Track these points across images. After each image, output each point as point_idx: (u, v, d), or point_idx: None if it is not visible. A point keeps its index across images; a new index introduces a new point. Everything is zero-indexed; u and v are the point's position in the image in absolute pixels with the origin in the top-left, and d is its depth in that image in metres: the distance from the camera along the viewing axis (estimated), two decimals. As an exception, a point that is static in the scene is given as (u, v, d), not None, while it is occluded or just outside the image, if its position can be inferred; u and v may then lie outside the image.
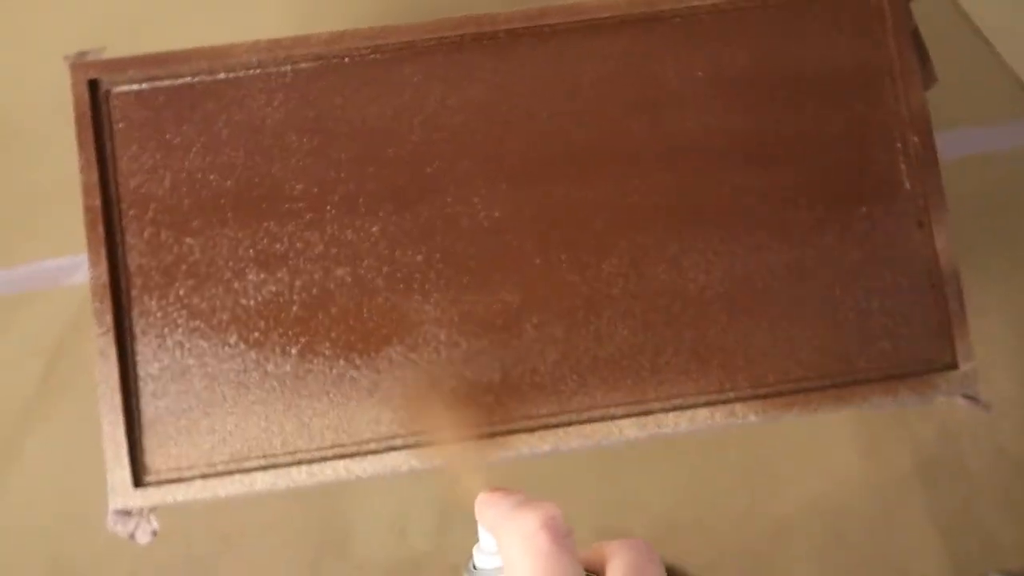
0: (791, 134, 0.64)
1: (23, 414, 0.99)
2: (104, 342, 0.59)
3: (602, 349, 0.62)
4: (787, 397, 0.61)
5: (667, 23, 0.65)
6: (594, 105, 0.64)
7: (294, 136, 0.63)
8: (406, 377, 0.61)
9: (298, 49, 0.63)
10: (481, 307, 0.62)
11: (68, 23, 1.07)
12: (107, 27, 1.06)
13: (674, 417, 0.61)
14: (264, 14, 1.08)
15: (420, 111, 0.64)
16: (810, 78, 0.64)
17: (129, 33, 1.06)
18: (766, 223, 0.63)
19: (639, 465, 1.02)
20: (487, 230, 0.63)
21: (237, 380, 0.61)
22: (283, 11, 1.08)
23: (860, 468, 1.03)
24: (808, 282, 0.63)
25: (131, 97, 0.63)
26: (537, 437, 0.60)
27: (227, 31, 1.07)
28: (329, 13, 1.08)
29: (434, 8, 1.08)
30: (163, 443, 0.60)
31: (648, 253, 0.63)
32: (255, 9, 1.08)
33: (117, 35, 1.05)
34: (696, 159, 0.63)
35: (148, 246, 0.61)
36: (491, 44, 0.64)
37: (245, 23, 1.08)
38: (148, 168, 0.62)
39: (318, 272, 0.62)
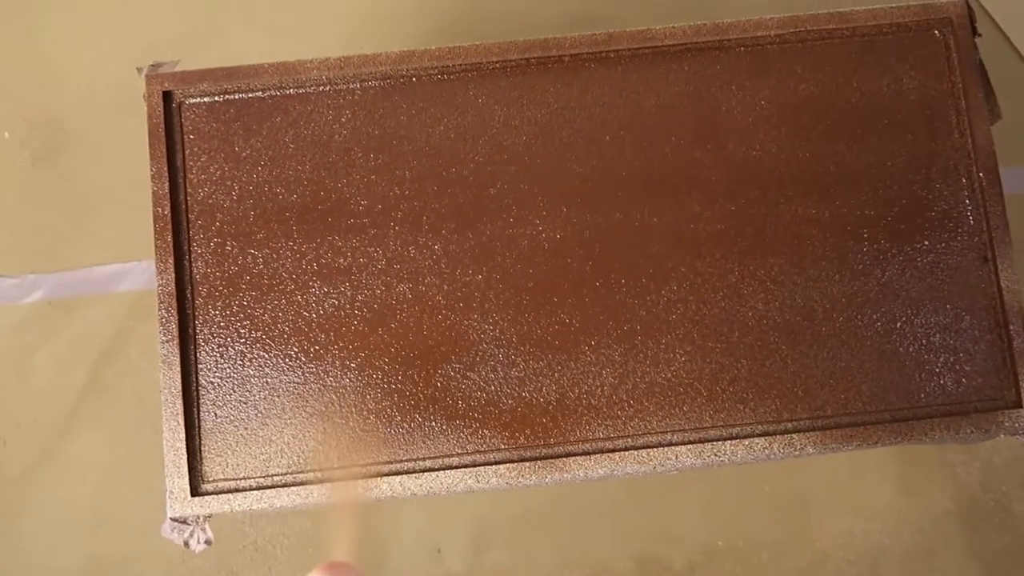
0: (854, 165, 0.64)
1: (67, 418, 1.00)
2: (168, 349, 0.60)
3: (659, 374, 0.62)
4: (846, 429, 0.61)
5: (732, 52, 0.65)
6: (657, 131, 0.64)
7: (360, 153, 0.64)
8: (464, 395, 0.61)
9: (367, 67, 0.64)
10: (539, 328, 0.62)
11: (125, 31, 1.09)
12: (161, 40, 1.09)
13: (731, 446, 0.60)
14: (317, 32, 1.10)
15: (484, 132, 0.64)
16: (874, 110, 0.64)
17: (182, 46, 1.08)
18: (827, 254, 0.63)
19: (673, 495, 1.01)
20: (547, 252, 0.63)
21: (296, 392, 0.61)
22: (336, 29, 1.10)
23: (898, 506, 1.01)
24: (869, 315, 0.62)
25: (202, 109, 0.64)
26: (593, 461, 0.60)
27: (281, 48, 1.09)
28: (381, 33, 1.09)
29: (477, 30, 1.10)
30: (221, 452, 0.60)
31: (707, 280, 0.63)
32: (308, 27, 1.10)
33: (170, 48, 1.07)
34: (758, 188, 0.64)
35: (213, 256, 0.62)
36: (556, 68, 0.65)
37: (298, 41, 1.09)
38: (216, 179, 0.63)
39: (380, 287, 0.62)
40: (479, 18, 1.10)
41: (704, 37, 0.64)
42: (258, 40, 1.08)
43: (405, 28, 1.10)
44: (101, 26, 1.09)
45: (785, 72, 0.65)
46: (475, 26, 1.09)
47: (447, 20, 1.10)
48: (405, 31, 1.10)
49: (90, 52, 1.08)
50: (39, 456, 1.00)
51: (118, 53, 1.08)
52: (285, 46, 1.07)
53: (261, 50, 1.09)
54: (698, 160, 0.64)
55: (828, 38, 0.65)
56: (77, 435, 1.01)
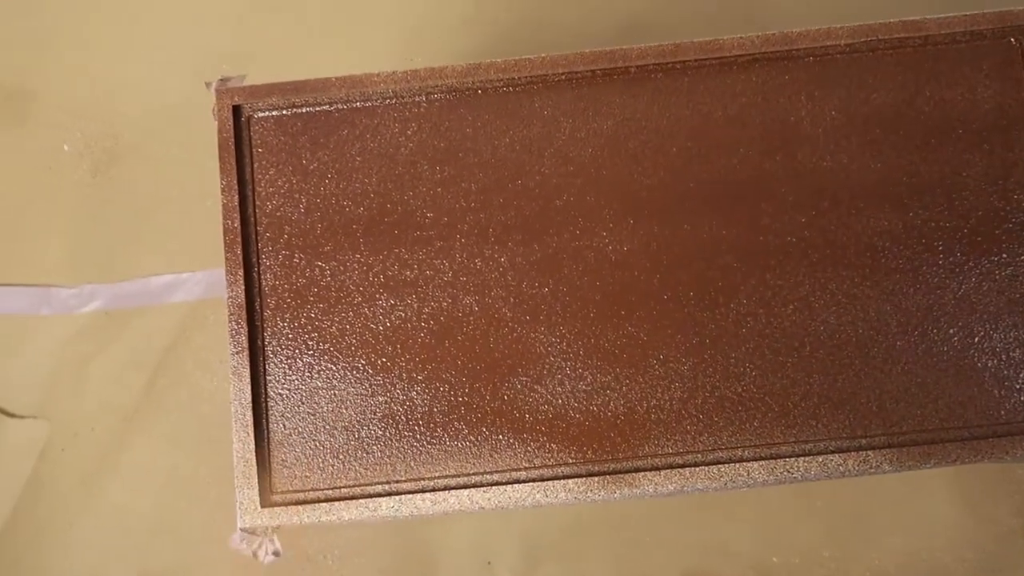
0: (928, 176, 0.63)
1: (122, 427, 1.01)
2: (238, 361, 0.61)
3: (729, 388, 0.61)
4: (923, 447, 0.59)
5: (800, 62, 0.64)
6: (725, 142, 0.64)
7: (426, 165, 0.64)
8: (531, 408, 0.61)
9: (433, 80, 0.64)
10: (607, 341, 0.62)
11: (181, 46, 1.11)
12: (216, 53, 1.10)
13: (804, 462, 0.59)
14: (370, 44, 1.10)
15: (550, 144, 0.64)
16: (948, 120, 0.63)
17: (236, 59, 1.09)
18: (901, 266, 0.62)
19: (725, 508, 0.99)
20: (614, 264, 0.62)
21: (363, 404, 0.61)
22: (387, 42, 1.10)
23: (961, 523, 0.99)
24: (945, 329, 0.61)
25: (270, 123, 0.64)
26: (663, 476, 0.59)
27: (334, 60, 1.10)
28: (433, 45, 1.10)
29: (528, 41, 1.10)
30: (289, 464, 0.60)
31: (778, 293, 0.62)
32: (361, 39, 1.11)
33: (225, 61, 1.09)
34: (829, 199, 0.63)
35: (282, 268, 0.62)
36: (622, 79, 0.65)
37: (351, 53, 1.10)
38: (284, 192, 0.63)
39: (446, 300, 0.62)
40: (531, 29, 1.10)
41: (772, 47, 0.64)
42: (312, 52, 1.09)
43: (457, 41, 1.10)
44: (158, 40, 1.11)
45: (856, 82, 0.64)
46: (527, 37, 1.09)
47: (499, 32, 1.10)
48: (457, 44, 1.10)
49: (148, 66, 1.10)
50: (96, 464, 1.01)
51: (174, 67, 1.09)
52: (338, 58, 1.08)
53: (315, 62, 1.10)
54: (767, 171, 0.63)
55: (899, 47, 0.64)
56: (133, 444, 1.02)
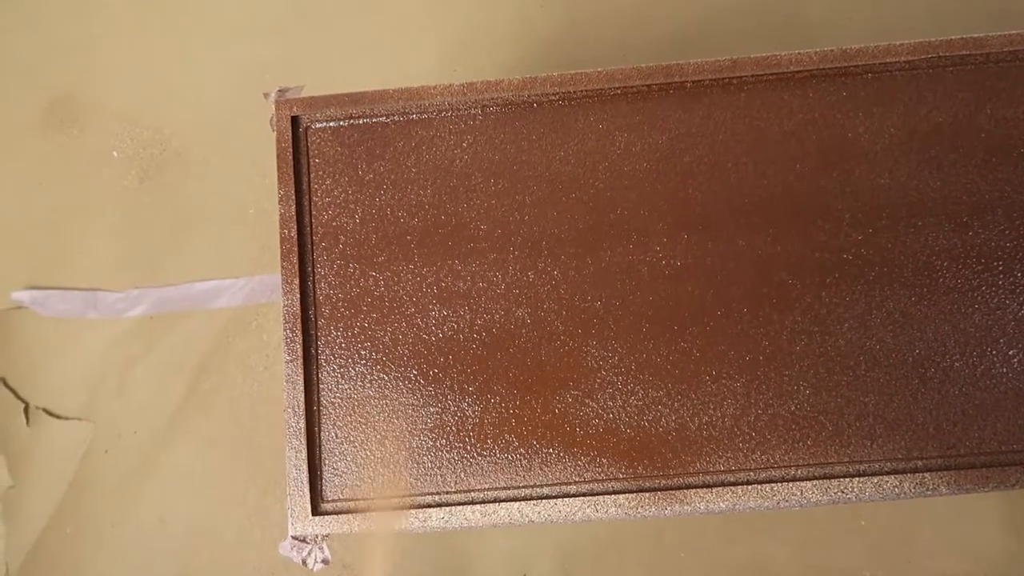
0: (988, 195, 0.62)
1: (165, 430, 1.03)
2: (292, 369, 0.61)
3: (782, 406, 0.60)
4: (982, 470, 0.58)
5: (858, 79, 0.64)
6: (781, 158, 0.63)
7: (480, 178, 0.64)
8: (582, 422, 0.61)
9: (489, 93, 0.64)
10: (659, 356, 0.61)
11: (229, 55, 1.12)
12: (266, 66, 1.12)
13: (859, 483, 0.59)
14: (414, 57, 1.11)
15: (604, 158, 0.64)
16: (1009, 138, 0.62)
17: (283, 69, 1.11)
18: (960, 286, 0.61)
19: (764, 525, 0.98)
20: (668, 279, 0.62)
21: (415, 414, 0.61)
22: (432, 55, 1.11)
23: (1006, 547, 0.97)
24: (1004, 350, 0.60)
25: (327, 134, 0.65)
26: (714, 494, 0.59)
27: (378, 71, 1.11)
28: (476, 58, 1.11)
29: (571, 55, 1.10)
30: (340, 472, 0.61)
31: (833, 311, 0.61)
32: (405, 52, 1.12)
33: (272, 71, 1.10)
34: (887, 217, 0.62)
35: (337, 278, 0.63)
36: (677, 94, 0.65)
37: (394, 66, 1.11)
38: (340, 202, 0.64)
39: (499, 312, 0.62)
40: (573, 43, 1.10)
41: (830, 63, 0.63)
42: (356, 64, 1.10)
43: (501, 52, 1.11)
44: (207, 50, 1.13)
45: (915, 99, 0.63)
46: (569, 51, 1.10)
47: (542, 46, 1.10)
48: (498, 57, 1.11)
49: (196, 75, 1.12)
50: (138, 466, 1.02)
51: (221, 76, 1.11)
52: (382, 70, 1.09)
53: (359, 74, 1.11)
54: (824, 188, 0.63)
55: (960, 64, 0.63)
56: (175, 447, 1.03)
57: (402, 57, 1.12)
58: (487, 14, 1.12)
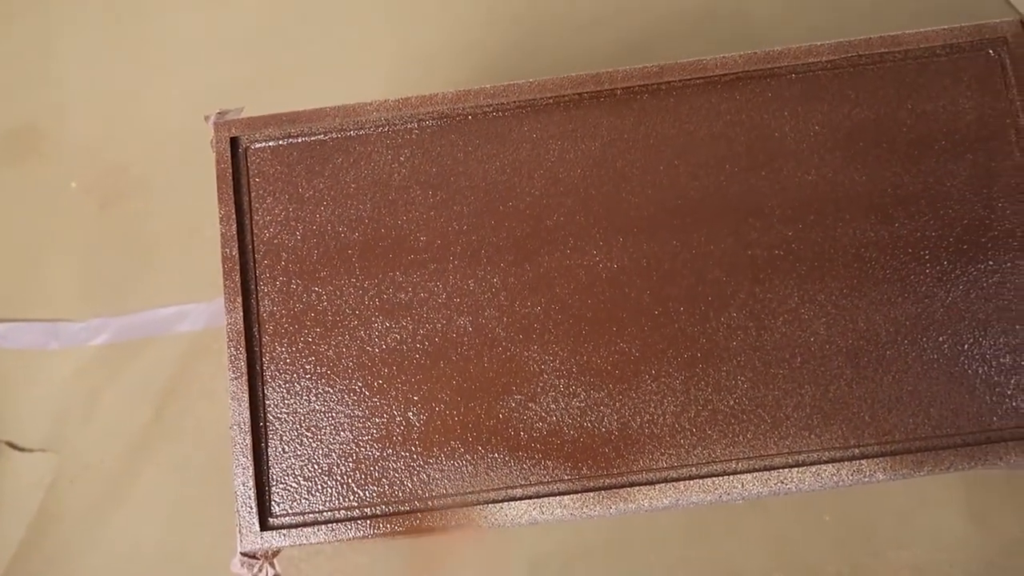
0: (912, 187, 0.63)
1: (132, 457, 1.03)
2: (237, 386, 0.62)
3: (722, 402, 0.61)
4: (917, 455, 0.59)
5: (783, 79, 0.66)
6: (711, 159, 0.65)
7: (419, 190, 0.65)
8: (526, 426, 0.61)
9: (424, 107, 0.66)
10: (599, 358, 0.62)
11: (187, 81, 1.13)
12: (225, 89, 1.13)
13: (798, 473, 0.60)
14: (364, 73, 1.13)
15: (539, 166, 0.65)
16: (931, 132, 0.64)
17: (239, 93, 1.12)
18: (889, 276, 0.62)
19: (730, 525, 0.99)
20: (605, 281, 0.63)
21: (360, 426, 0.62)
22: (381, 71, 1.13)
23: (968, 535, 0.98)
24: (935, 337, 0.61)
25: (267, 153, 0.66)
26: (658, 490, 0.60)
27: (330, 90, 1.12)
28: (426, 73, 1.12)
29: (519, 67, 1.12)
30: (289, 487, 0.61)
31: (767, 306, 0.63)
32: (356, 69, 1.13)
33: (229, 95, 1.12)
34: (815, 212, 0.63)
35: (279, 294, 0.64)
36: (608, 101, 0.66)
37: (345, 84, 1.13)
38: (281, 220, 0.65)
39: (440, 321, 0.63)
40: (520, 55, 1.12)
41: (755, 65, 0.65)
42: (312, 84, 1.11)
43: (453, 67, 1.12)
44: (165, 77, 1.14)
45: (838, 97, 0.65)
46: (518, 65, 1.12)
47: (491, 58, 1.12)
48: (453, 70, 1.12)
49: (154, 102, 1.13)
50: (106, 495, 1.02)
51: (180, 102, 1.12)
52: (337, 89, 1.10)
53: (315, 94, 1.12)
54: (753, 186, 0.64)
55: (880, 62, 0.65)
56: (142, 473, 1.03)
57: (356, 78, 1.14)
58: (438, 32, 1.14)
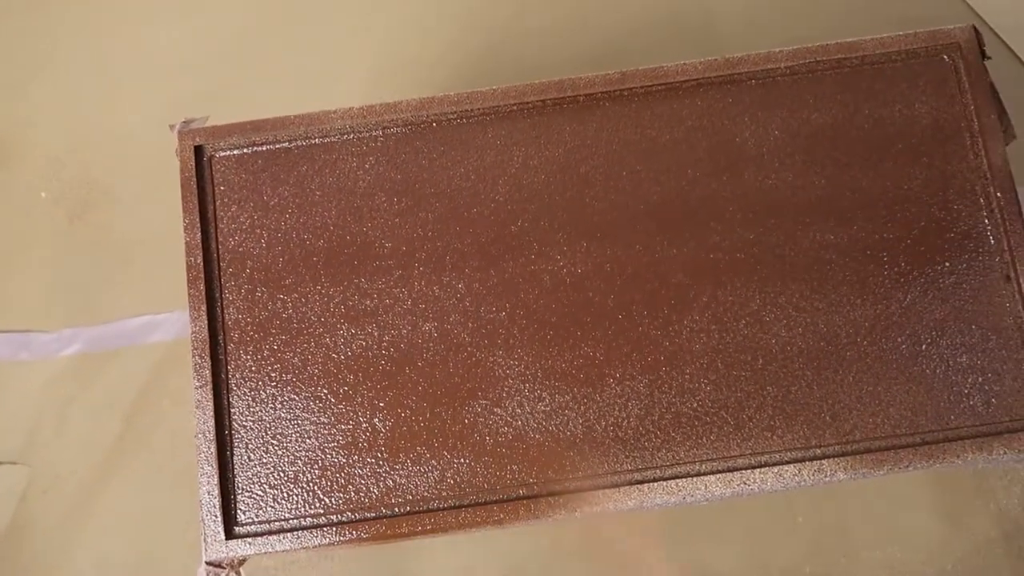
0: (871, 191, 0.64)
1: (103, 468, 1.02)
2: (201, 395, 0.62)
3: (685, 404, 0.62)
4: (876, 454, 0.60)
5: (743, 85, 0.66)
6: (673, 164, 0.65)
7: (383, 197, 0.65)
8: (491, 431, 0.62)
9: (388, 115, 0.66)
10: (564, 362, 0.63)
11: (154, 91, 1.13)
12: (194, 100, 1.13)
13: (760, 474, 0.60)
14: (339, 81, 1.13)
15: (503, 172, 0.66)
16: (888, 136, 0.65)
17: (208, 101, 1.12)
18: (848, 279, 0.63)
19: (706, 528, 1.00)
20: (569, 286, 0.64)
21: (326, 433, 0.62)
22: (356, 78, 1.13)
23: (940, 535, 0.99)
24: (893, 338, 0.62)
25: (231, 161, 0.66)
26: (622, 493, 0.60)
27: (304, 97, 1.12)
28: (401, 80, 1.12)
29: (493, 73, 1.13)
30: (254, 495, 0.61)
31: (730, 309, 0.63)
32: (330, 77, 1.13)
33: (197, 104, 1.11)
34: (775, 216, 0.64)
35: (244, 303, 0.64)
36: (571, 107, 0.67)
37: (320, 91, 1.13)
38: (246, 228, 0.65)
39: (406, 327, 0.63)
40: (495, 62, 1.12)
41: (715, 72, 0.66)
42: (281, 91, 1.11)
43: (424, 75, 1.13)
44: (131, 87, 1.13)
45: (797, 102, 0.66)
46: (491, 70, 1.12)
47: (464, 65, 1.13)
48: (424, 77, 1.13)
49: (122, 112, 1.13)
50: (77, 505, 1.01)
51: (148, 112, 1.12)
52: (308, 96, 1.10)
53: (285, 101, 1.12)
54: (715, 191, 0.65)
55: (838, 68, 0.66)
56: (113, 484, 1.02)
57: (329, 85, 1.14)
58: (411, 40, 1.14)
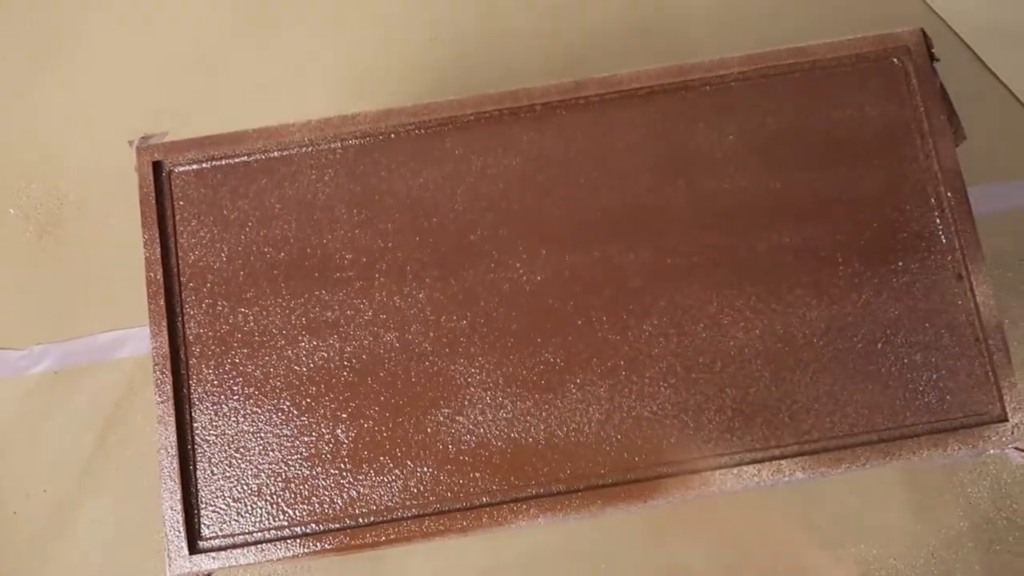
0: (824, 193, 0.65)
1: (75, 485, 1.01)
2: (163, 410, 0.62)
3: (645, 408, 0.63)
4: (834, 452, 0.61)
5: (697, 91, 0.67)
6: (629, 171, 0.66)
7: (343, 209, 0.66)
8: (454, 439, 0.62)
9: (346, 127, 0.66)
10: (524, 369, 0.63)
11: (121, 106, 1.13)
12: (161, 114, 1.12)
13: (720, 475, 0.61)
14: (308, 93, 1.13)
15: (462, 182, 0.66)
16: (840, 139, 0.66)
17: (177, 116, 1.12)
18: (803, 281, 0.64)
19: (680, 529, 1.00)
20: (529, 294, 0.64)
21: (289, 445, 0.62)
22: (326, 90, 1.13)
23: (912, 530, 1.00)
24: (849, 338, 0.63)
25: (191, 176, 0.66)
26: (585, 498, 0.61)
27: (273, 110, 1.12)
28: (370, 91, 1.13)
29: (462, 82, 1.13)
30: (218, 509, 0.61)
31: (688, 312, 0.64)
32: (299, 89, 1.14)
33: (166, 118, 1.11)
34: (731, 219, 0.65)
35: (206, 316, 0.64)
36: (528, 116, 0.67)
37: (290, 103, 1.13)
38: (206, 242, 0.65)
39: (367, 338, 0.64)
40: (463, 71, 1.13)
41: (669, 79, 0.67)
42: (250, 104, 1.12)
43: (393, 85, 1.13)
44: (99, 102, 1.13)
45: (750, 107, 0.67)
46: (460, 79, 1.13)
47: (433, 75, 1.13)
48: (393, 88, 1.13)
49: (89, 128, 1.12)
50: (49, 524, 1.01)
51: (115, 127, 1.11)
52: (277, 109, 1.10)
53: (254, 114, 1.12)
54: (671, 196, 0.66)
55: (790, 72, 0.67)
56: (86, 501, 1.02)
57: (298, 96, 1.14)
58: (380, 49, 1.14)
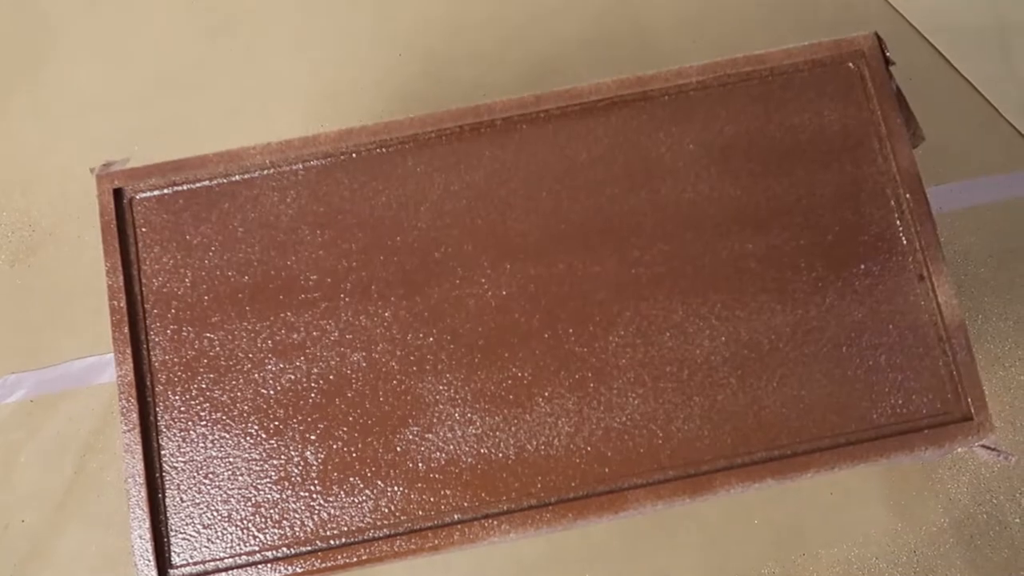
0: (785, 198, 0.66)
1: (54, 514, 1.01)
2: (130, 438, 0.61)
3: (614, 419, 0.63)
4: (803, 457, 0.61)
5: (656, 101, 0.68)
6: (591, 183, 0.66)
7: (307, 230, 0.66)
8: (424, 457, 0.62)
9: (308, 148, 0.66)
10: (492, 384, 0.63)
11: (91, 132, 1.13)
12: (132, 138, 1.12)
13: (691, 485, 0.61)
14: (279, 113, 1.13)
15: (425, 199, 0.66)
16: (799, 143, 0.67)
17: (147, 140, 1.12)
18: (767, 286, 0.64)
19: (663, 537, 1.00)
20: (495, 309, 0.64)
21: (258, 469, 0.62)
22: (297, 109, 1.13)
23: (893, 528, 1.00)
24: (814, 342, 0.63)
25: (152, 202, 0.66)
26: (556, 511, 0.61)
27: (244, 131, 1.12)
28: (342, 109, 1.13)
29: (433, 97, 1.13)
30: (188, 536, 0.61)
31: (653, 322, 0.64)
32: (270, 109, 1.14)
33: (135, 143, 1.11)
34: (693, 228, 0.65)
35: (171, 343, 0.64)
36: (489, 132, 0.68)
37: (261, 123, 1.13)
38: (170, 268, 0.65)
39: (334, 359, 0.64)
40: (434, 85, 1.13)
41: (628, 90, 0.67)
42: (222, 125, 1.11)
43: (364, 102, 1.13)
44: (68, 129, 1.13)
45: (709, 115, 0.67)
46: (431, 93, 1.13)
47: (405, 91, 1.14)
48: (365, 105, 1.13)
49: (59, 155, 1.12)
50: (29, 554, 1.00)
51: (85, 153, 1.11)
52: (249, 128, 1.10)
53: (226, 135, 1.12)
54: (633, 207, 0.66)
55: (747, 80, 0.68)
56: (65, 530, 1.01)
57: (268, 117, 1.14)
58: (349, 68, 1.15)
